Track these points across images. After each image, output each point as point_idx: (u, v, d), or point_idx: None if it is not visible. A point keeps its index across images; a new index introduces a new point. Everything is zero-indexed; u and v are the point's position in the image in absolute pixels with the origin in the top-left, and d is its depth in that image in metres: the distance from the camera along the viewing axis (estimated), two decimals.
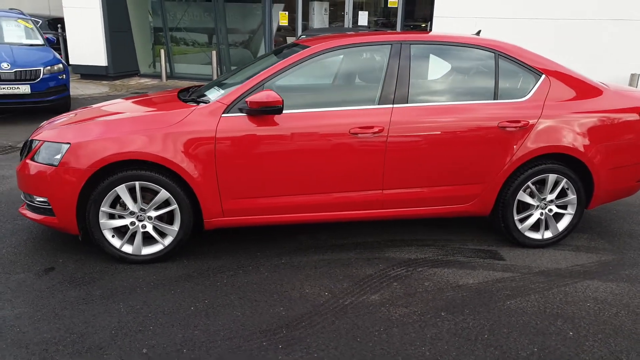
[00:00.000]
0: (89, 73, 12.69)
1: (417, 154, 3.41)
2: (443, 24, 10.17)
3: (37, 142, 3.24)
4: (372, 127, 3.31)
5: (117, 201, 3.18)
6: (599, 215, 4.45)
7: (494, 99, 3.53)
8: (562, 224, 3.73)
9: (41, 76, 7.81)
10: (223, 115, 3.20)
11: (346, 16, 12.04)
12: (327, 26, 12.78)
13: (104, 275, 3.11)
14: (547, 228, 3.72)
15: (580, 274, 3.36)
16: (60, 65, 8.25)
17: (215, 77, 11.23)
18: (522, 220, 3.68)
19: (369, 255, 3.54)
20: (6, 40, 8.55)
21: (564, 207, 3.71)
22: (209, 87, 3.79)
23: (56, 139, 3.15)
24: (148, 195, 3.20)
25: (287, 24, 12.41)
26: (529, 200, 3.63)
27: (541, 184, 3.64)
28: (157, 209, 3.22)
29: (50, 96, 7.95)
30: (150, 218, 3.22)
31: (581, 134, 3.55)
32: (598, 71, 9.17)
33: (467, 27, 9.94)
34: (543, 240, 3.72)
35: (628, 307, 2.97)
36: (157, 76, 13.13)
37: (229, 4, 13.01)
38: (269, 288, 3.04)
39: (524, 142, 3.48)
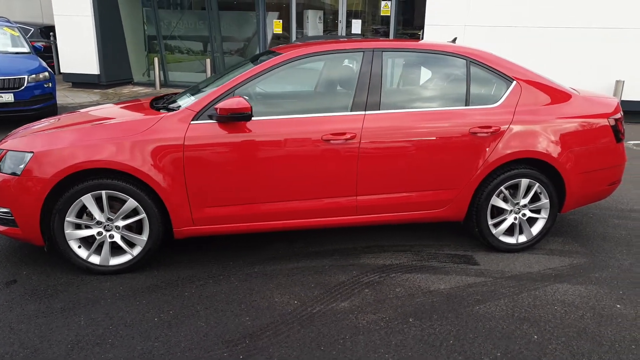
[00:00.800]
0: (81, 81, 12.69)
1: (389, 160, 3.40)
2: (434, 32, 10.20)
3: (1, 151, 3.22)
4: (344, 134, 3.30)
5: (83, 211, 3.16)
6: (575, 218, 4.44)
7: (466, 105, 3.53)
8: (536, 228, 3.72)
9: (25, 84, 7.80)
10: (192, 122, 3.20)
11: (340, 24, 12.07)
12: (322, 34, 12.81)
13: (68, 287, 3.09)
14: (521, 232, 3.72)
15: (551, 277, 3.35)
16: (46, 74, 8.25)
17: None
18: (496, 225, 3.68)
19: (343, 262, 3.53)
20: None
21: (538, 211, 3.71)
22: (182, 95, 3.79)
23: (19, 148, 3.14)
24: (116, 204, 3.19)
25: (281, 32, 12.44)
26: (502, 205, 3.63)
27: (514, 189, 3.64)
28: (125, 218, 3.21)
29: (35, 105, 7.93)
30: (118, 228, 3.21)
31: (552, 139, 3.55)
32: (585, 78, 9.27)
33: (457, 35, 10.00)
34: (518, 244, 3.71)
35: (594, 309, 2.96)
36: (151, 84, 13.13)
37: (223, 12, 13.04)
38: (237, 298, 3.02)
39: (496, 147, 3.48)
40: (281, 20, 12.24)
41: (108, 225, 3.20)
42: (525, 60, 9.49)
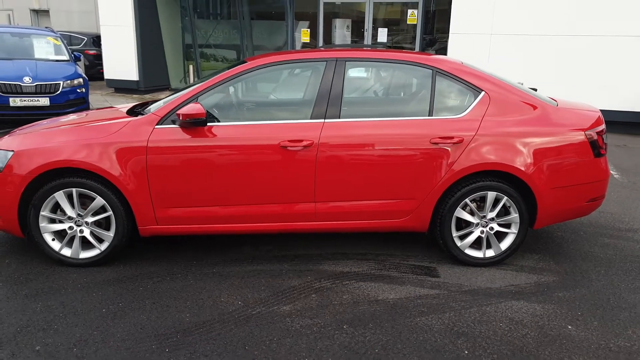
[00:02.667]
0: (122, 87, 13.39)
1: (348, 168, 3.44)
2: (459, 40, 10.08)
3: None
4: (301, 141, 3.38)
5: (58, 206, 3.39)
6: (562, 236, 4.29)
7: (429, 116, 3.51)
8: (505, 243, 3.64)
9: (60, 89, 8.35)
10: (156, 126, 3.37)
11: (366, 33, 12.14)
12: (349, 42, 12.92)
13: (39, 276, 3.32)
14: (490, 247, 3.65)
15: (510, 294, 3.27)
16: (80, 80, 8.80)
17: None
18: (462, 238, 3.62)
19: (303, 267, 3.59)
20: (36, 56, 9.26)
21: (508, 225, 3.62)
22: (159, 101, 3.98)
23: (3, 146, 3.42)
24: (87, 201, 3.40)
25: (309, 41, 12.65)
26: (468, 217, 3.57)
27: (483, 202, 3.58)
28: (94, 215, 3.42)
29: (69, 108, 8.46)
30: (87, 223, 3.42)
31: (521, 151, 3.47)
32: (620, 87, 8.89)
33: (482, 43, 9.84)
34: (485, 258, 3.64)
35: (542, 329, 2.87)
36: None
37: (255, 22, 13.43)
38: (186, 295, 3.15)
39: (458, 158, 3.44)
40: (309, 30, 12.44)
41: (78, 220, 3.42)
42: (552, 70, 9.25)
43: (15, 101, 8.03)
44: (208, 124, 3.37)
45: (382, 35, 11.90)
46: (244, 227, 3.52)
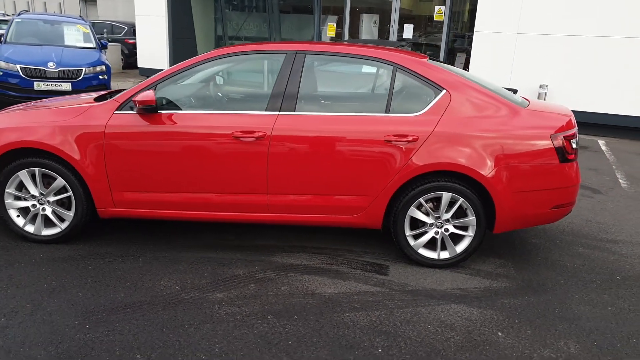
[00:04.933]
0: None
1: (300, 162, 3.45)
2: (484, 39, 9.82)
3: None
4: (254, 132, 3.41)
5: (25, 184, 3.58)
6: (536, 243, 4.14)
7: (386, 112, 3.47)
8: (461, 246, 3.55)
9: (82, 75, 8.72)
10: (115, 112, 3.49)
11: (391, 29, 11.99)
12: (376, 38, 12.81)
13: (1, 250, 3.51)
14: (445, 248, 3.57)
15: (453, 297, 3.20)
16: (103, 67, 9.14)
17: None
18: (416, 237, 3.57)
19: (255, 257, 3.63)
20: (66, 42, 9.69)
21: (465, 228, 3.53)
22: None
23: None
24: (52, 181, 3.57)
25: (334, 36, 12.63)
26: (422, 217, 3.51)
27: (440, 202, 3.50)
28: (56, 194, 3.58)
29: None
30: (49, 202, 3.59)
31: (479, 152, 3.37)
32: None
33: (508, 42, 9.53)
34: (439, 260, 3.57)
35: (470, 334, 2.79)
36: None
37: (284, 15, 13.52)
38: (130, 276, 3.26)
39: (412, 157, 3.38)
40: (335, 24, 12.41)
41: (41, 199, 3.59)
42: (579, 71, 8.84)
43: (39, 85, 8.45)
44: (165, 111, 3.46)
45: (408, 31, 11.72)
46: (196, 214, 3.59)
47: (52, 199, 3.58)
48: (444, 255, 3.57)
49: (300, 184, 3.49)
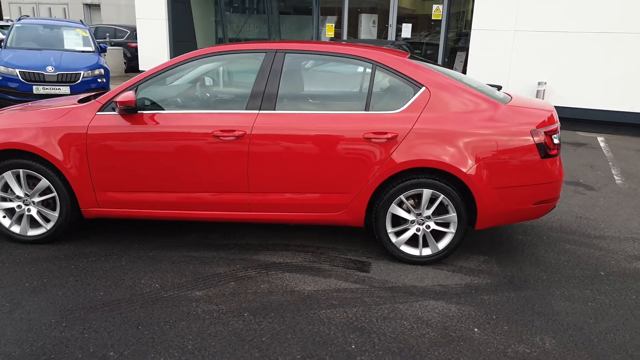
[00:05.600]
0: None
1: (281, 160, 3.46)
2: (481, 37, 9.79)
3: None
4: (234, 131, 3.43)
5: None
6: (522, 239, 4.12)
7: (365, 110, 3.47)
8: (443, 243, 3.55)
9: (81, 79, 8.80)
10: (98, 113, 3.52)
11: (390, 28, 11.99)
12: (375, 38, 12.81)
13: None
14: (427, 245, 3.57)
15: (432, 293, 3.19)
16: (102, 70, 9.23)
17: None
18: (398, 234, 3.57)
19: (238, 256, 3.65)
20: (65, 46, 9.79)
21: (447, 225, 3.53)
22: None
23: None
24: (37, 182, 3.61)
25: (333, 36, 12.64)
26: (403, 214, 3.51)
27: (420, 199, 3.50)
28: (41, 195, 3.62)
29: None
30: (34, 203, 3.63)
31: (460, 149, 3.37)
32: None
33: (505, 40, 9.49)
34: (421, 257, 3.57)
35: (445, 330, 2.79)
36: None
37: (283, 16, 13.57)
38: (111, 275, 3.29)
39: (391, 154, 3.39)
40: (333, 25, 12.43)
41: (26, 200, 3.63)
42: (579, 69, 8.77)
43: (38, 89, 8.55)
44: (147, 111, 3.49)
45: (407, 30, 11.72)
46: (178, 214, 3.62)
47: (37, 199, 3.63)
48: (426, 252, 3.57)
49: (282, 182, 3.50)
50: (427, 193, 3.44)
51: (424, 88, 3.47)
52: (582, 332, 2.82)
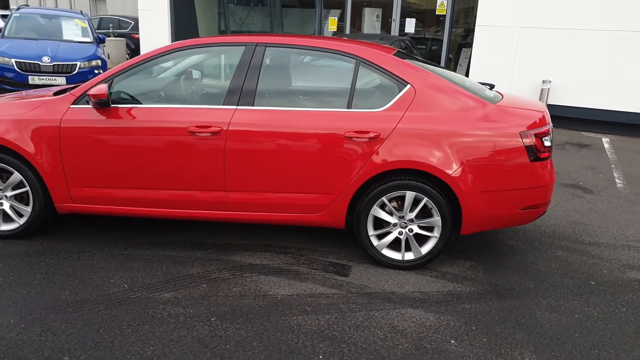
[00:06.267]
0: None
1: (258, 158, 3.33)
2: (485, 33, 9.59)
3: None
4: (209, 127, 3.31)
5: None
6: (513, 245, 3.97)
7: (348, 108, 3.33)
8: (427, 247, 3.41)
9: (77, 70, 8.71)
10: (72, 106, 3.41)
11: (393, 23, 11.79)
12: (378, 32, 12.62)
13: None
14: (410, 249, 3.43)
15: (412, 300, 3.06)
16: (99, 61, 9.13)
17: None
18: (380, 237, 3.43)
19: (214, 256, 3.53)
20: (64, 37, 9.71)
21: (431, 229, 3.39)
22: None
23: None
24: (9, 176, 3.51)
25: (336, 30, 12.46)
26: (385, 217, 3.38)
27: (403, 201, 3.36)
28: (14, 189, 3.52)
29: None
30: (7, 197, 3.53)
31: (444, 150, 3.22)
32: None
33: (510, 36, 9.28)
34: (404, 261, 3.43)
35: (421, 340, 2.66)
36: None
37: (286, 9, 13.40)
38: (81, 274, 3.18)
39: (373, 154, 3.25)
40: (336, 18, 12.25)
41: None
42: (584, 66, 8.55)
43: (33, 79, 8.47)
44: (122, 105, 3.38)
45: (410, 25, 11.51)
46: (152, 211, 3.51)
47: (9, 193, 3.53)
48: (409, 256, 3.43)
49: (259, 180, 3.38)
50: (410, 195, 3.30)
51: (409, 86, 3.33)
52: (564, 347, 2.68)
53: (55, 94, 3.67)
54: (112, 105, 3.37)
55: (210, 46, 3.52)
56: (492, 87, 3.98)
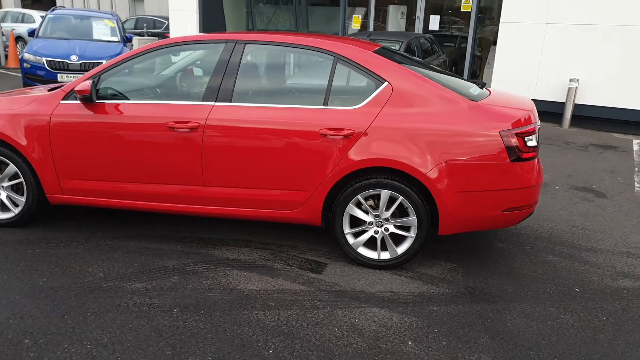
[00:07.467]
0: None
1: (236, 154, 3.37)
2: (510, 29, 9.32)
3: None
4: (187, 122, 3.37)
5: None
6: (502, 247, 3.86)
7: (324, 105, 3.32)
8: (403, 247, 3.36)
9: None
10: (62, 101, 3.55)
11: (417, 20, 11.63)
12: (403, 30, 12.48)
13: None
14: (386, 248, 3.39)
15: (379, 300, 3.03)
16: None
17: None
18: (356, 236, 3.41)
19: (193, 250, 3.60)
20: (94, 37, 10.08)
21: (407, 228, 3.34)
22: None
23: None
24: (4, 167, 3.69)
25: (360, 28, 12.41)
26: (361, 215, 3.35)
27: (379, 200, 3.33)
28: (10, 180, 3.70)
29: None
30: (3, 188, 3.71)
31: (420, 148, 3.17)
32: None
33: (537, 33, 8.98)
34: (379, 261, 3.40)
35: (376, 340, 2.63)
36: None
37: (311, 7, 13.44)
38: (62, 262, 3.31)
39: (348, 152, 3.23)
40: (360, 16, 12.19)
41: None
42: (614, 64, 8.18)
43: (62, 77, 8.83)
44: (108, 101, 3.49)
45: (434, 22, 11.33)
46: (137, 204, 3.60)
47: (5, 184, 3.71)
48: (385, 255, 3.39)
49: (236, 176, 3.42)
50: (385, 194, 3.27)
51: (386, 83, 3.29)
52: (527, 354, 2.59)
53: (50, 90, 3.83)
54: (97, 101, 3.49)
55: (193, 44, 3.59)
56: (483, 85, 3.88)
